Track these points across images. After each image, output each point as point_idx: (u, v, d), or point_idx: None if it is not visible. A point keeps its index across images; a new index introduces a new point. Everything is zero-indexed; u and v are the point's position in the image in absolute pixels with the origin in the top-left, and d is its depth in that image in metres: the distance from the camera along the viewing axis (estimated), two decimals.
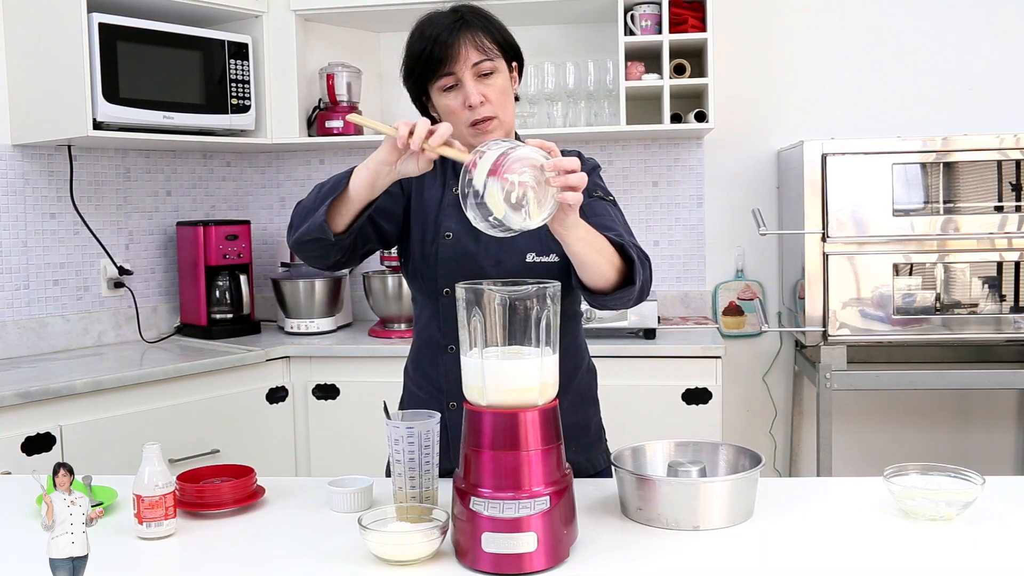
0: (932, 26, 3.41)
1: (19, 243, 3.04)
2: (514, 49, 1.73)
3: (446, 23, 1.65)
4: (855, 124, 3.44)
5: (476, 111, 1.65)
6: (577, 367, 1.81)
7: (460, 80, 1.65)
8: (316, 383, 3.14)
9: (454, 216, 1.73)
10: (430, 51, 1.64)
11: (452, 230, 1.72)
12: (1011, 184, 2.93)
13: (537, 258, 1.69)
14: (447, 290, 1.73)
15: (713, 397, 2.94)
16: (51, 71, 2.87)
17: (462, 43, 1.63)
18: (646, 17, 3.22)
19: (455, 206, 1.74)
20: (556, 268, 1.69)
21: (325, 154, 3.79)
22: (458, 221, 1.72)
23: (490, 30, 1.67)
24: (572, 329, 1.81)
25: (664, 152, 3.57)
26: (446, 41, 1.63)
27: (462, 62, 1.64)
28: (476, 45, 1.64)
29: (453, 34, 1.63)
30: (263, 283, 3.67)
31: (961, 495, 1.45)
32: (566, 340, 1.74)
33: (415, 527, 1.35)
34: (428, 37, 1.65)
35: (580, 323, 1.87)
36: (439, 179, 1.79)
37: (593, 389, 1.87)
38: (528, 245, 1.69)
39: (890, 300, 2.94)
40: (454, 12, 1.68)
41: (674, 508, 1.43)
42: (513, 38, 1.74)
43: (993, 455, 3.46)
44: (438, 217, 1.74)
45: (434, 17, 1.68)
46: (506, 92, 1.69)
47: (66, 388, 2.55)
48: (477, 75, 1.65)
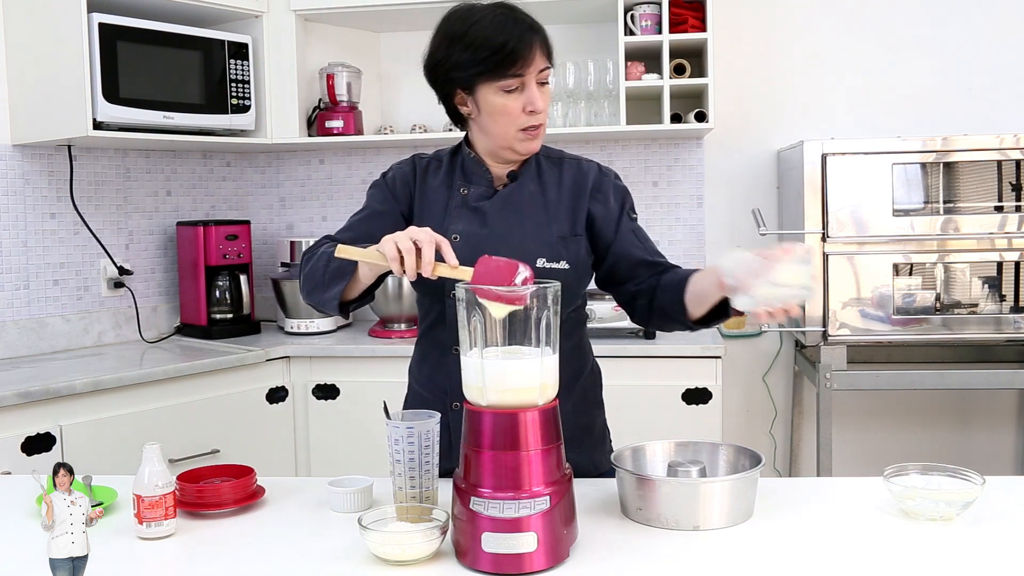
0: (932, 26, 3.41)
1: (19, 243, 3.04)
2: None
3: (523, 24, 1.63)
4: (855, 124, 3.44)
5: (534, 117, 1.65)
6: (581, 370, 1.81)
7: (524, 84, 1.63)
8: (316, 383, 3.14)
9: (461, 218, 1.72)
10: (511, 48, 1.60)
11: (460, 232, 1.71)
12: (1011, 184, 2.93)
13: (548, 264, 1.69)
14: (454, 292, 1.72)
15: (713, 397, 2.94)
16: (51, 71, 2.87)
17: (536, 48, 1.63)
18: (646, 17, 3.22)
19: (462, 207, 1.73)
20: (566, 275, 1.69)
21: (325, 154, 3.79)
22: (465, 223, 1.71)
23: (545, 35, 1.67)
24: (579, 332, 1.81)
25: (664, 152, 3.57)
26: (521, 46, 1.61)
27: (532, 66, 1.63)
28: (544, 52, 1.65)
29: (529, 37, 1.62)
30: (263, 283, 3.67)
31: (961, 495, 1.45)
32: (571, 343, 1.75)
33: (415, 527, 1.35)
34: (507, 34, 1.61)
35: (586, 326, 1.87)
36: (444, 181, 1.78)
37: (598, 391, 1.87)
38: (539, 251, 1.69)
39: (890, 300, 2.94)
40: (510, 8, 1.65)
41: (674, 508, 1.43)
42: None
43: (993, 455, 3.46)
44: (445, 220, 1.73)
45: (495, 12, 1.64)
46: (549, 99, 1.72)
47: (66, 388, 2.55)
48: (538, 82, 1.65)
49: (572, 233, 1.74)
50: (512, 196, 1.74)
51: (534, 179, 1.77)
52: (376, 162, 3.75)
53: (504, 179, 1.76)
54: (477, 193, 1.74)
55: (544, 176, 1.77)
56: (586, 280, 1.78)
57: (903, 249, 2.94)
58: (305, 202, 3.82)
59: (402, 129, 3.65)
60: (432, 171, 1.80)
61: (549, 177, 1.77)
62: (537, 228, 1.72)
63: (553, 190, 1.76)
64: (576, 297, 1.78)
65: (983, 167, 2.94)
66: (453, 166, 1.79)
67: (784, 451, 3.58)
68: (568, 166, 1.80)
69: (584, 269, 1.75)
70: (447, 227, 1.72)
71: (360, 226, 1.75)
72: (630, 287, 1.77)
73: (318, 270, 1.64)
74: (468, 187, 1.75)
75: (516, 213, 1.73)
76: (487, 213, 1.72)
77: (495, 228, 1.71)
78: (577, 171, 1.79)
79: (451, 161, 1.80)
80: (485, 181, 1.75)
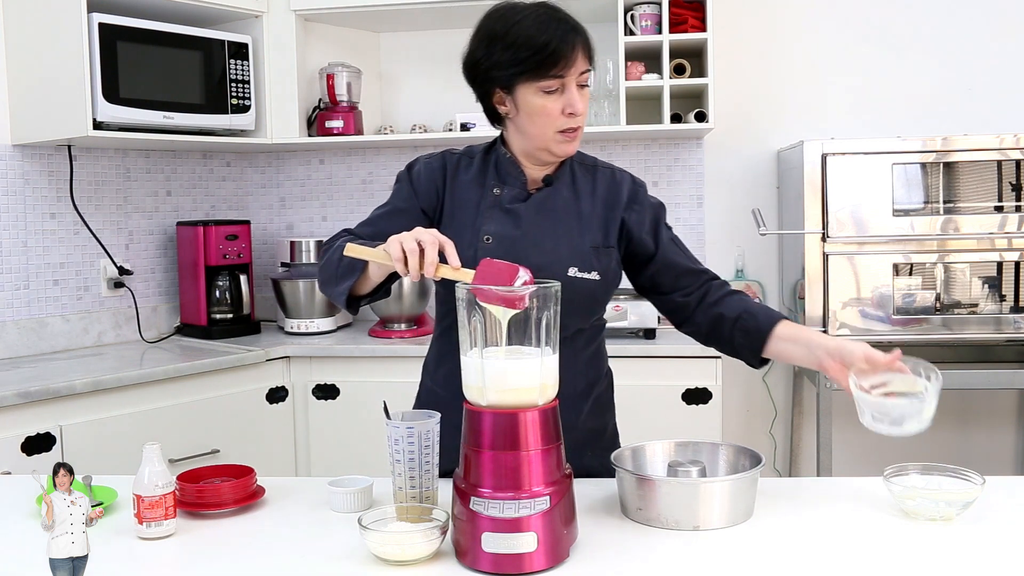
0: (932, 26, 3.41)
1: (19, 243, 3.04)
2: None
3: (566, 25, 1.61)
4: (855, 124, 3.44)
5: (573, 120, 1.64)
6: (599, 376, 1.81)
7: (565, 86, 1.62)
8: (316, 383, 3.14)
9: (494, 219, 1.69)
10: (553, 49, 1.59)
11: (492, 233, 1.68)
12: (1011, 184, 2.93)
13: (579, 274, 1.67)
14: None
15: (713, 397, 2.94)
16: (51, 71, 2.87)
17: (579, 50, 1.61)
18: (646, 17, 3.22)
19: (494, 208, 1.70)
20: (596, 286, 1.68)
21: (325, 154, 3.79)
22: (497, 224, 1.69)
23: (587, 37, 1.65)
24: (599, 339, 1.81)
25: (664, 152, 3.57)
26: (569, 44, 1.60)
27: (574, 68, 1.61)
28: (587, 56, 1.63)
29: (571, 38, 1.60)
30: (263, 283, 3.67)
31: (961, 495, 1.45)
32: (591, 349, 1.76)
33: (415, 527, 1.35)
34: (550, 35, 1.59)
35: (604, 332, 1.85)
36: (475, 179, 1.75)
37: (610, 394, 1.86)
38: (571, 259, 1.67)
39: (890, 300, 2.94)
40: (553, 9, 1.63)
41: (674, 508, 1.43)
42: None
43: (993, 455, 3.46)
44: (476, 219, 1.70)
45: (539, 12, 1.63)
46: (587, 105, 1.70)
47: (66, 388, 2.55)
48: (579, 84, 1.63)
49: (605, 244, 1.72)
50: (547, 201, 1.72)
51: (568, 185, 1.74)
52: (376, 162, 3.75)
53: (538, 182, 1.73)
54: (511, 195, 1.71)
55: (578, 183, 1.75)
56: (612, 291, 1.76)
57: (903, 249, 2.94)
58: (305, 202, 3.82)
59: (402, 129, 3.65)
60: (463, 168, 1.76)
61: (583, 184, 1.75)
62: (570, 236, 1.70)
63: (587, 199, 1.74)
64: (601, 308, 1.77)
65: (983, 167, 2.94)
66: (486, 165, 1.76)
67: (784, 451, 3.58)
68: (602, 175, 1.78)
69: (612, 281, 1.74)
70: (478, 227, 1.69)
71: (380, 222, 1.74)
72: (676, 297, 1.77)
73: (332, 263, 1.65)
74: (502, 187, 1.72)
75: (550, 218, 1.70)
76: (521, 216, 1.69)
77: (528, 232, 1.68)
78: (611, 181, 1.77)
79: (484, 159, 1.76)
80: (519, 183, 1.72)
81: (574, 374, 1.71)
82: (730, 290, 1.77)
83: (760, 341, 1.70)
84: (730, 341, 1.73)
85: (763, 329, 1.69)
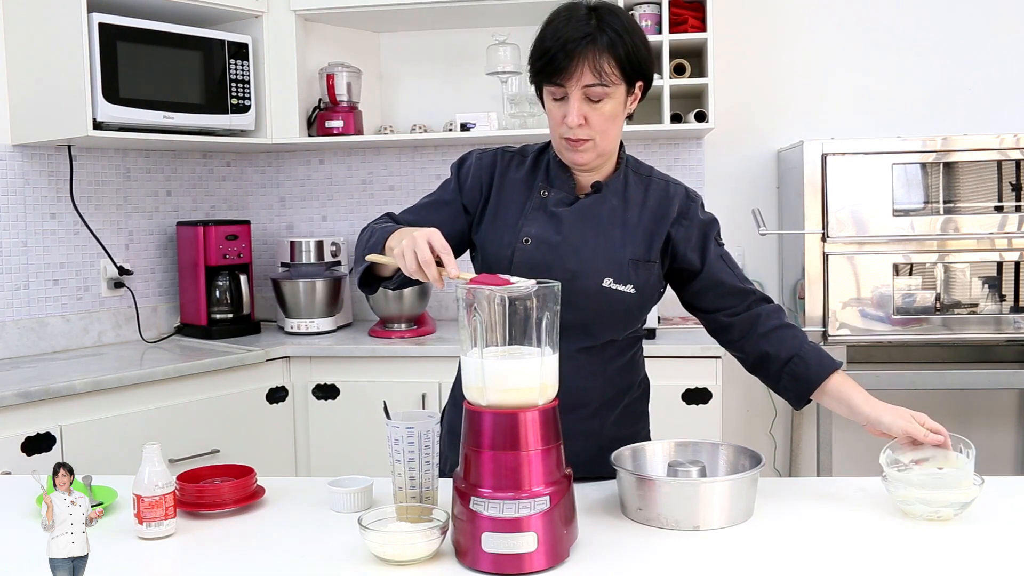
0: (932, 26, 3.41)
1: (19, 243, 3.04)
2: (641, 71, 1.61)
3: (577, 33, 1.56)
4: (855, 124, 3.44)
5: (572, 130, 1.61)
6: (630, 386, 1.78)
7: (568, 95, 1.59)
8: (316, 383, 3.14)
9: (536, 221, 1.68)
10: (551, 57, 1.57)
11: (532, 235, 1.67)
12: (1011, 184, 2.93)
13: (615, 285, 1.65)
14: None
15: (713, 397, 2.94)
16: (51, 71, 2.87)
17: (580, 61, 1.55)
18: (646, 17, 3.22)
19: (539, 210, 1.69)
20: (630, 300, 1.66)
21: (325, 154, 3.79)
22: (539, 226, 1.67)
23: (618, 50, 1.57)
24: (633, 349, 1.77)
25: (664, 152, 3.57)
26: (564, 57, 1.56)
27: (575, 80, 1.57)
28: (594, 67, 1.56)
29: (576, 49, 1.55)
30: (263, 283, 3.67)
31: (958, 496, 1.45)
32: (623, 359, 1.74)
33: (415, 527, 1.35)
34: (556, 41, 1.57)
35: (641, 343, 1.83)
36: (525, 179, 1.73)
37: (644, 404, 1.84)
38: (608, 270, 1.64)
39: (890, 300, 2.94)
40: (591, 16, 1.58)
41: (674, 508, 1.43)
42: (647, 56, 1.62)
43: (993, 455, 3.46)
44: (520, 219, 1.69)
45: (572, 16, 1.59)
46: (613, 117, 1.61)
47: (66, 388, 2.55)
48: (586, 96, 1.59)
49: (646, 258, 1.68)
50: (592, 207, 1.69)
51: (618, 194, 1.71)
52: (376, 162, 3.75)
53: (587, 188, 1.71)
54: (557, 198, 1.69)
55: (629, 192, 1.72)
56: (650, 306, 1.73)
57: (903, 249, 2.94)
58: (305, 202, 3.82)
59: (402, 129, 3.65)
60: (515, 166, 1.75)
61: (634, 194, 1.72)
62: (610, 246, 1.67)
63: (635, 209, 1.70)
64: (637, 321, 1.74)
65: (983, 167, 2.94)
66: (537, 166, 1.74)
67: (784, 451, 3.58)
68: (655, 186, 1.74)
69: (651, 296, 1.71)
70: (520, 227, 1.68)
71: (422, 212, 1.75)
72: (721, 317, 1.75)
73: (360, 246, 1.66)
74: (549, 190, 1.70)
75: (593, 226, 1.67)
76: (563, 220, 1.67)
77: (568, 237, 1.66)
78: (663, 194, 1.73)
79: (536, 160, 1.75)
80: (568, 187, 1.70)
81: (603, 382, 1.70)
82: (783, 323, 1.74)
83: (808, 390, 1.71)
84: (776, 380, 1.73)
85: (813, 380, 1.69)
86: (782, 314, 1.76)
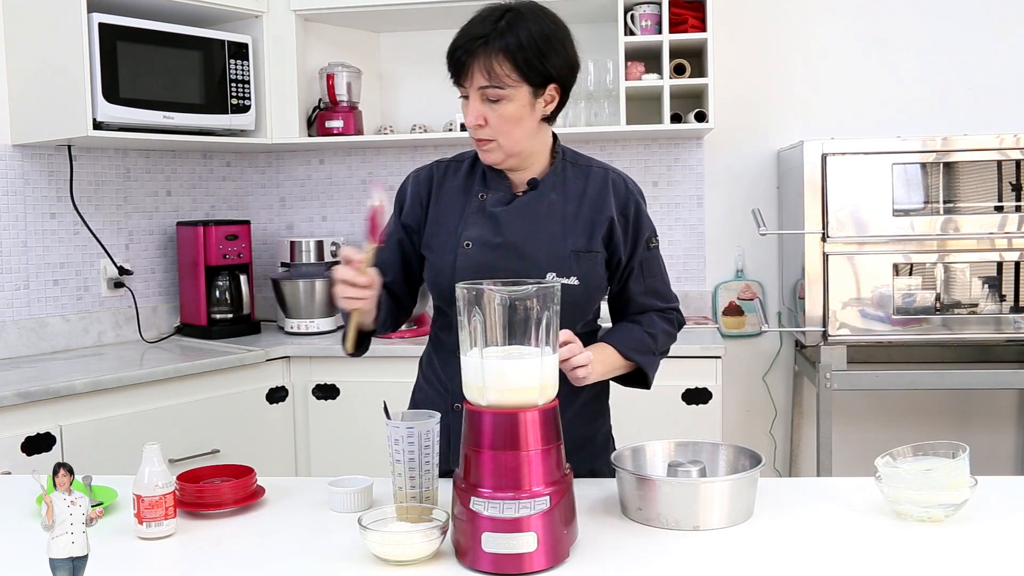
0: (932, 26, 3.41)
1: (19, 243, 3.04)
2: (545, 73, 1.60)
3: (474, 34, 1.58)
4: (855, 124, 3.44)
5: (474, 130, 1.63)
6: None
7: (469, 96, 1.61)
8: (316, 383, 3.14)
9: (476, 224, 1.69)
10: (453, 58, 1.61)
11: (472, 239, 1.68)
12: (1011, 184, 2.93)
13: (558, 279, 1.65)
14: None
15: (713, 397, 2.94)
16: (51, 71, 2.87)
17: (472, 64, 1.58)
18: (646, 17, 3.22)
19: (478, 213, 1.70)
20: (575, 291, 1.66)
21: (325, 154, 3.79)
22: (479, 229, 1.68)
23: (515, 53, 1.56)
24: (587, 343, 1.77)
25: (664, 152, 3.57)
26: (460, 58, 1.59)
27: (468, 80, 1.60)
28: (486, 70, 1.57)
29: (470, 51, 1.58)
30: (263, 283, 3.67)
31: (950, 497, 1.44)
32: None
33: (415, 527, 1.35)
34: (457, 41, 1.60)
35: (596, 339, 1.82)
36: (462, 185, 1.74)
37: (603, 400, 1.84)
38: (550, 264, 1.65)
39: (890, 300, 2.94)
40: (503, 17, 1.59)
41: (674, 508, 1.43)
42: (557, 59, 1.61)
43: (993, 455, 3.46)
44: (459, 226, 1.70)
45: (482, 17, 1.61)
46: (516, 119, 1.61)
47: (66, 388, 2.55)
48: (485, 97, 1.60)
49: (587, 249, 1.69)
50: (530, 204, 1.70)
51: (557, 187, 1.71)
52: (376, 162, 3.75)
53: (524, 186, 1.71)
54: (495, 199, 1.70)
55: (568, 184, 1.72)
56: (598, 296, 1.74)
57: (903, 249, 2.94)
58: (305, 202, 3.82)
59: (402, 129, 3.65)
60: (451, 174, 1.76)
61: (573, 186, 1.72)
62: (551, 240, 1.67)
63: (574, 201, 1.71)
64: (586, 313, 1.75)
65: (983, 167, 2.94)
66: (474, 170, 1.75)
67: (784, 451, 3.58)
68: (595, 176, 1.74)
69: (597, 286, 1.71)
70: (460, 233, 1.69)
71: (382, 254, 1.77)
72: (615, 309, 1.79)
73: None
74: (486, 192, 1.71)
75: (532, 222, 1.68)
76: (502, 220, 1.68)
77: (508, 236, 1.67)
78: (603, 183, 1.73)
79: (473, 165, 1.76)
80: (504, 187, 1.71)
81: None
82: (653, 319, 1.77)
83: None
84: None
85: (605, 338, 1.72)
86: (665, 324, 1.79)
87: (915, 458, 1.54)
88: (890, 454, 1.55)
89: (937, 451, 1.54)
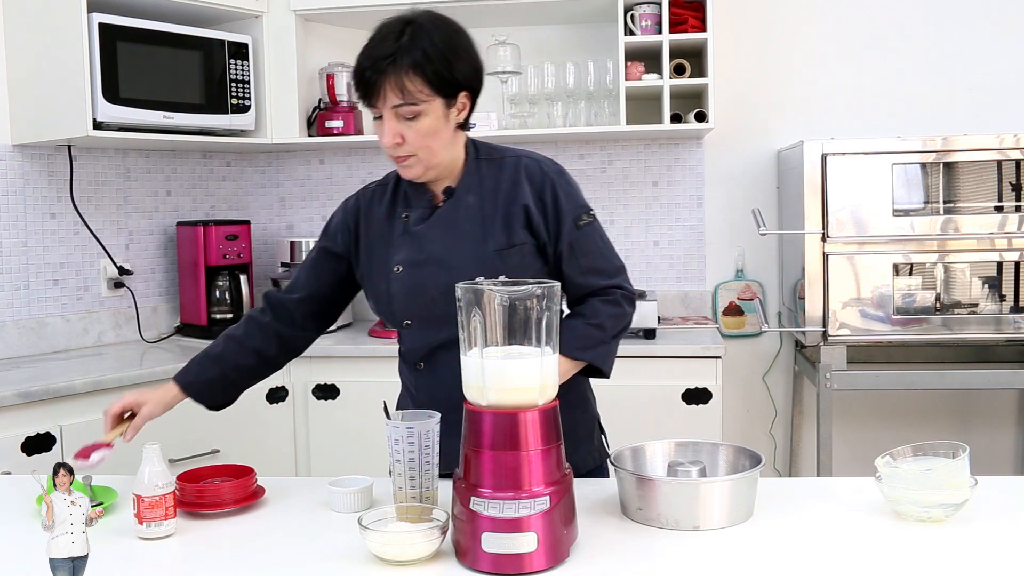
0: (932, 26, 3.41)
1: (19, 243, 3.04)
2: (455, 83, 1.60)
3: (381, 53, 1.56)
4: (855, 124, 3.44)
5: (391, 149, 1.62)
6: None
7: (382, 115, 1.61)
8: (316, 383, 3.14)
9: (403, 246, 1.69)
10: (361, 79, 1.60)
11: (401, 262, 1.68)
12: (1011, 184, 2.93)
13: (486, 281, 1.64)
14: (407, 321, 1.71)
15: (713, 397, 2.94)
16: (51, 71, 2.87)
17: (383, 84, 1.56)
18: (646, 17, 3.22)
19: (404, 235, 1.69)
20: None
21: (325, 154, 3.79)
22: (406, 251, 1.68)
23: (424, 68, 1.56)
24: None
25: (664, 152, 3.57)
26: (370, 79, 1.58)
27: (381, 100, 1.59)
28: (398, 88, 1.56)
29: (379, 71, 1.56)
30: (263, 283, 3.67)
31: (949, 497, 1.44)
32: None
33: (415, 527, 1.35)
34: (363, 62, 1.59)
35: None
36: (387, 209, 1.74)
37: (582, 388, 1.80)
38: (477, 269, 1.60)
39: (890, 300, 2.94)
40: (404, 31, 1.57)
41: (674, 508, 1.43)
42: (464, 66, 1.61)
43: (993, 455, 3.46)
44: (387, 252, 1.71)
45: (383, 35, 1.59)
46: (433, 132, 1.60)
47: (66, 388, 2.55)
48: (399, 115, 1.58)
49: (510, 244, 1.65)
50: (449, 213, 1.68)
51: (473, 188, 1.69)
52: (376, 162, 3.75)
53: (442, 195, 1.70)
54: (416, 216, 1.70)
55: (484, 183, 1.69)
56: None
57: (903, 249, 2.94)
58: (305, 202, 3.82)
59: None
60: (377, 199, 1.76)
61: (488, 183, 1.69)
62: (474, 245, 1.65)
63: (490, 199, 1.68)
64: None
65: (983, 167, 2.94)
66: (397, 191, 1.74)
67: (784, 451, 3.58)
68: (507, 166, 1.70)
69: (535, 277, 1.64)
70: (390, 259, 1.69)
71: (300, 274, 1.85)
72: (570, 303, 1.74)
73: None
74: (409, 211, 1.71)
75: (452, 231, 1.66)
76: (424, 237, 1.67)
77: (431, 252, 1.66)
78: (515, 172, 1.69)
79: (396, 185, 1.75)
80: (425, 201, 1.70)
81: None
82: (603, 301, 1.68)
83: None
84: None
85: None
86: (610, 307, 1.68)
87: (915, 458, 1.54)
88: (890, 454, 1.55)
89: (937, 451, 1.53)
